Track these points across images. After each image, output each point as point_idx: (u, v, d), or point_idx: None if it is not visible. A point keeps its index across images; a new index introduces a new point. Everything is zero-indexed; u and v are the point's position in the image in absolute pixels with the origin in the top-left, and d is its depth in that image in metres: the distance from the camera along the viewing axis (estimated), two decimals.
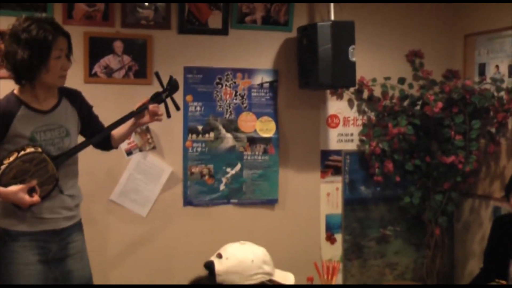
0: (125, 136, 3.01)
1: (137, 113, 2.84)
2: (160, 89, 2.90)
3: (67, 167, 2.68)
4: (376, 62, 4.16)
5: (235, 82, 3.91)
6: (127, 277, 3.69)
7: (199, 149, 3.83)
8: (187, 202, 3.82)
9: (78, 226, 2.80)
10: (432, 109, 3.91)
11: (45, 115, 2.65)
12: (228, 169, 3.89)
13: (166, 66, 3.72)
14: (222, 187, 3.88)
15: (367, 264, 4.19)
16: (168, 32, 3.78)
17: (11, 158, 2.48)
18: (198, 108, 3.82)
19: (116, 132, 2.96)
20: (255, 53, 3.95)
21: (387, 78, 4.13)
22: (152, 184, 3.75)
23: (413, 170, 4.08)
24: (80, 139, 2.85)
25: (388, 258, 4.23)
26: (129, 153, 3.69)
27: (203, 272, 2.10)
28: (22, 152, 2.49)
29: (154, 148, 3.74)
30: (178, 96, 3.32)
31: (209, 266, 2.07)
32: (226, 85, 3.89)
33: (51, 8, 3.55)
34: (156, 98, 2.86)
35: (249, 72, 3.93)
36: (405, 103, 4.13)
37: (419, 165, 4.06)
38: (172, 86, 2.89)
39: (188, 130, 3.82)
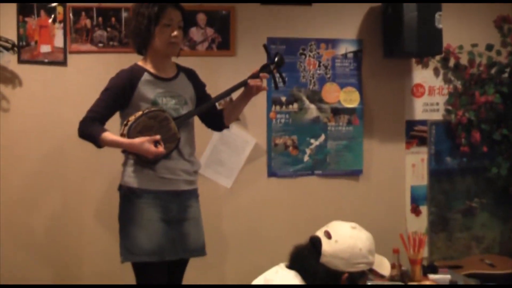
0: (237, 110, 3.01)
1: (244, 84, 2.84)
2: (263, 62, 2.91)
3: (185, 134, 2.80)
4: (463, 29, 4.03)
5: (318, 53, 3.86)
6: (212, 248, 3.71)
7: (283, 120, 3.82)
8: (271, 173, 3.83)
9: (195, 193, 2.91)
10: None
11: (166, 82, 2.79)
12: (312, 140, 3.87)
13: (249, 38, 3.72)
14: (306, 158, 3.86)
15: (453, 237, 4.10)
16: (251, 4, 3.76)
17: (137, 115, 2.63)
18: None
19: (227, 108, 3.01)
20: (339, 23, 3.89)
21: (474, 45, 4.00)
22: (236, 155, 3.77)
23: (501, 140, 3.98)
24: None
25: (474, 231, 4.13)
26: None
27: (289, 243, 2.08)
28: (147, 110, 2.65)
29: (238, 119, 3.73)
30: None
31: (315, 241, 2.03)
32: (309, 56, 3.85)
33: None
34: (265, 69, 2.86)
35: (332, 42, 3.87)
36: (493, 71, 4.01)
37: (507, 135, 3.96)
38: (279, 60, 2.89)
39: (272, 102, 3.81)
